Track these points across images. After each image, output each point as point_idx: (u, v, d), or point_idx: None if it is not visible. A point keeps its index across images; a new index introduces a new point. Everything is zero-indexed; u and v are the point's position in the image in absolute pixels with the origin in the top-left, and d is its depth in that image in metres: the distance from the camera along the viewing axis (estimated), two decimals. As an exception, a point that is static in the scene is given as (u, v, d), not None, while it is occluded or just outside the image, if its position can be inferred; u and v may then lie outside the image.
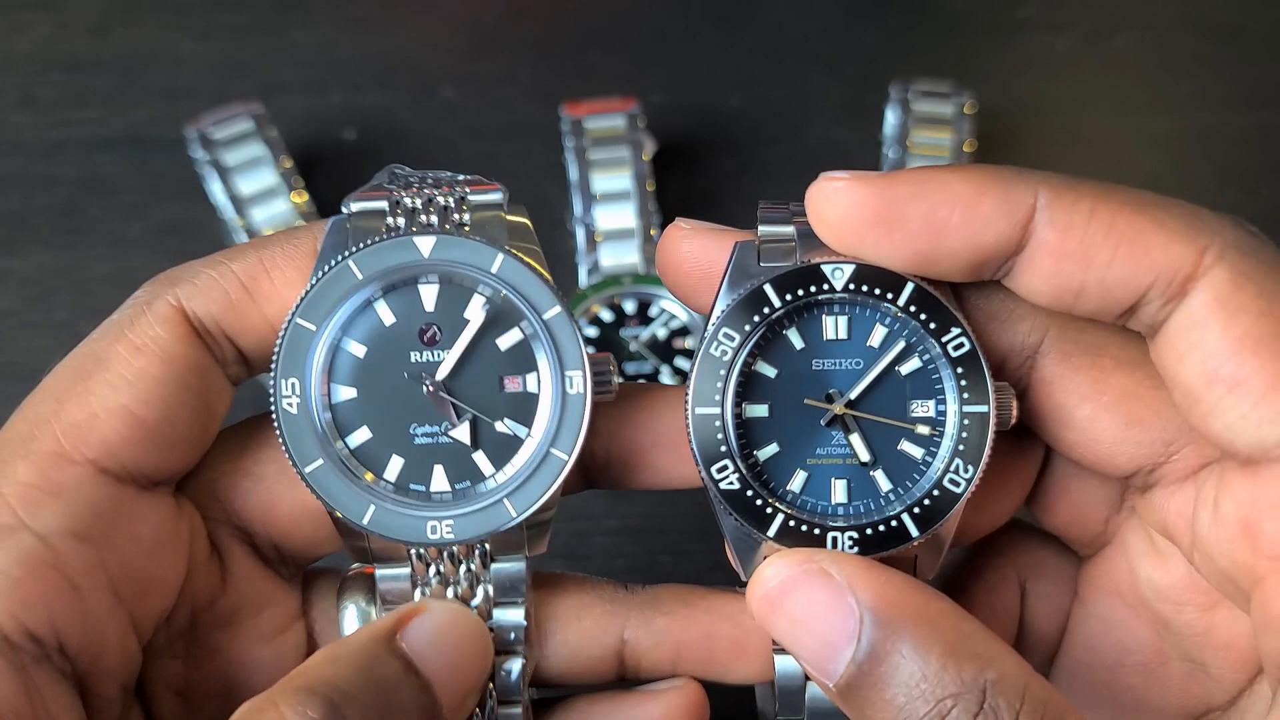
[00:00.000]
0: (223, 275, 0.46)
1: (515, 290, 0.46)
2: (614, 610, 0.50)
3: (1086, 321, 0.46)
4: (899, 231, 0.43)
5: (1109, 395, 0.45)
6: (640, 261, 0.83)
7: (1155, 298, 0.42)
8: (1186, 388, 0.42)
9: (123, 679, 0.45)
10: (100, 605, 0.44)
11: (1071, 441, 0.46)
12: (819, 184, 0.43)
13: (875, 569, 0.43)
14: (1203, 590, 0.46)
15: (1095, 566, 0.50)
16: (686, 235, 0.47)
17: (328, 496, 0.45)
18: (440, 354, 0.46)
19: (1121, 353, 0.46)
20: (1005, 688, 0.40)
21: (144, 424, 0.45)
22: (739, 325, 0.45)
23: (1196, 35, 0.98)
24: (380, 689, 0.42)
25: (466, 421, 0.46)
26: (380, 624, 0.44)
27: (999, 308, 0.46)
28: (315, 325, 0.45)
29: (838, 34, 0.98)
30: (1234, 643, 0.46)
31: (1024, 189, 0.42)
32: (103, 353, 0.45)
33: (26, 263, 0.85)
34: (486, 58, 0.97)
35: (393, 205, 0.46)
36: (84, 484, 0.44)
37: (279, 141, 0.85)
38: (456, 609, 0.46)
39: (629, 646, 0.50)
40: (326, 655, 0.43)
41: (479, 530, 0.46)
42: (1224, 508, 0.43)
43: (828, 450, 0.46)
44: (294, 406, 0.45)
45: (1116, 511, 0.49)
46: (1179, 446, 0.45)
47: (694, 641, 0.50)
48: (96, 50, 0.97)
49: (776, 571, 0.44)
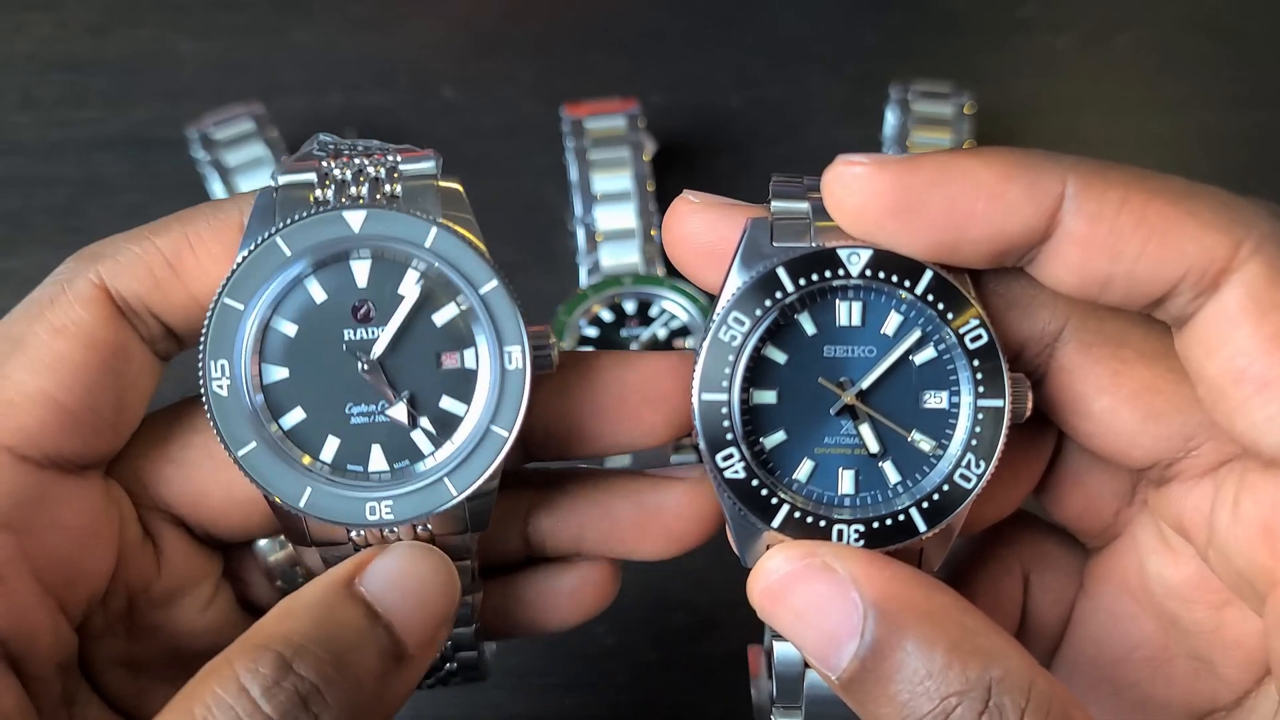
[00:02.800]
0: (146, 251, 0.45)
1: (450, 264, 0.44)
2: (516, 496, 0.50)
3: (1109, 311, 0.45)
4: (920, 220, 0.41)
5: (1129, 387, 0.44)
6: (640, 261, 0.83)
7: (1186, 290, 0.40)
8: (1212, 383, 0.41)
9: (58, 659, 0.45)
10: (25, 592, 0.43)
11: (1089, 432, 0.45)
12: (836, 168, 0.42)
13: (879, 562, 0.42)
14: (1213, 588, 0.46)
15: (1103, 559, 0.50)
16: (695, 209, 0.46)
17: (262, 480, 0.44)
18: (375, 331, 0.45)
19: (1144, 344, 0.44)
20: (1010, 684, 0.39)
21: (64, 409, 0.43)
22: (750, 309, 0.44)
23: (1196, 35, 0.98)
24: (336, 636, 0.41)
25: (403, 400, 0.45)
26: (336, 571, 0.43)
27: (1020, 294, 0.45)
28: (243, 304, 0.44)
29: (838, 34, 0.98)
30: (1243, 642, 0.46)
31: (1052, 176, 0.40)
32: (20, 334, 0.44)
33: (26, 263, 0.85)
34: (486, 58, 0.97)
35: (321, 176, 0.45)
36: (1, 472, 0.43)
37: (280, 142, 0.85)
38: (417, 547, 0.45)
39: (533, 528, 0.50)
40: (283, 608, 0.42)
41: (419, 510, 0.44)
42: (1244, 508, 0.42)
43: (836, 440, 0.45)
44: (224, 389, 0.44)
45: (1127, 504, 0.49)
46: (1199, 442, 0.44)
47: (594, 521, 0.50)
48: (97, 50, 0.97)
49: (779, 565, 0.43)
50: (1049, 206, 0.40)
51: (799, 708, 0.48)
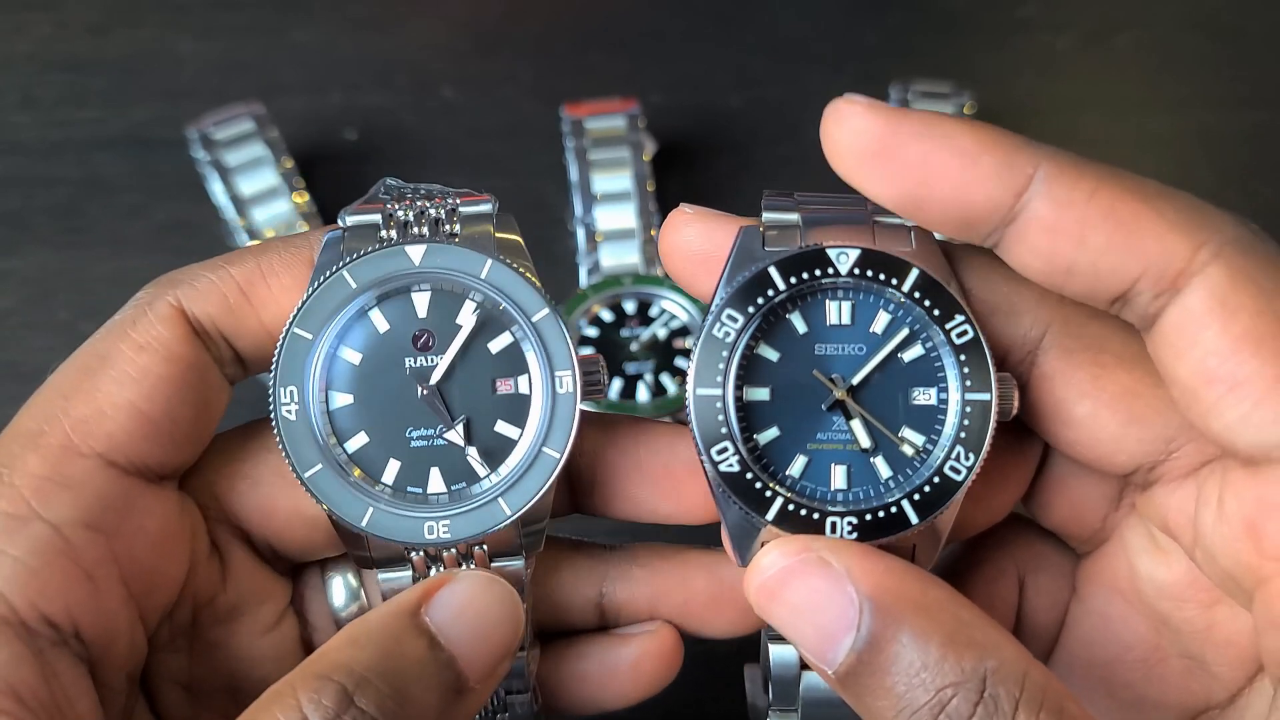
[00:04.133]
0: (221, 279, 0.47)
1: (504, 294, 0.47)
2: (592, 564, 0.52)
3: (1088, 317, 0.45)
4: (894, 167, 0.42)
5: (1110, 391, 0.45)
6: (640, 262, 0.83)
7: (1146, 289, 0.41)
8: (1185, 385, 0.41)
9: (129, 669, 0.46)
10: (112, 594, 0.45)
11: (1071, 439, 0.46)
12: (837, 102, 0.43)
13: (874, 556, 0.43)
14: (1203, 587, 0.46)
15: (1093, 562, 0.50)
16: (690, 220, 0.47)
17: (327, 500, 0.46)
18: (434, 359, 0.47)
19: (1124, 350, 0.45)
20: (1005, 676, 0.40)
21: (148, 419, 0.45)
22: (742, 307, 0.45)
23: (1196, 35, 0.98)
24: (398, 669, 0.42)
25: (461, 424, 0.47)
26: (404, 598, 0.44)
27: (1001, 300, 0.46)
28: (312, 335, 0.46)
29: (838, 34, 0.98)
30: (1234, 640, 0.46)
31: (1026, 158, 0.41)
32: (107, 351, 0.46)
33: (26, 263, 0.85)
34: (486, 58, 0.97)
35: (386, 218, 0.48)
36: (93, 476, 0.45)
37: (280, 142, 0.85)
38: (483, 577, 0.46)
39: (607, 599, 0.51)
40: (347, 636, 0.43)
41: (475, 529, 0.46)
42: (1228, 507, 0.42)
43: (828, 435, 0.46)
44: (293, 413, 0.46)
45: (1115, 509, 0.49)
46: (1180, 444, 0.45)
47: (669, 593, 0.51)
48: (97, 50, 0.97)
49: (774, 560, 0.44)
50: (1017, 185, 0.41)
51: (795, 709, 0.48)
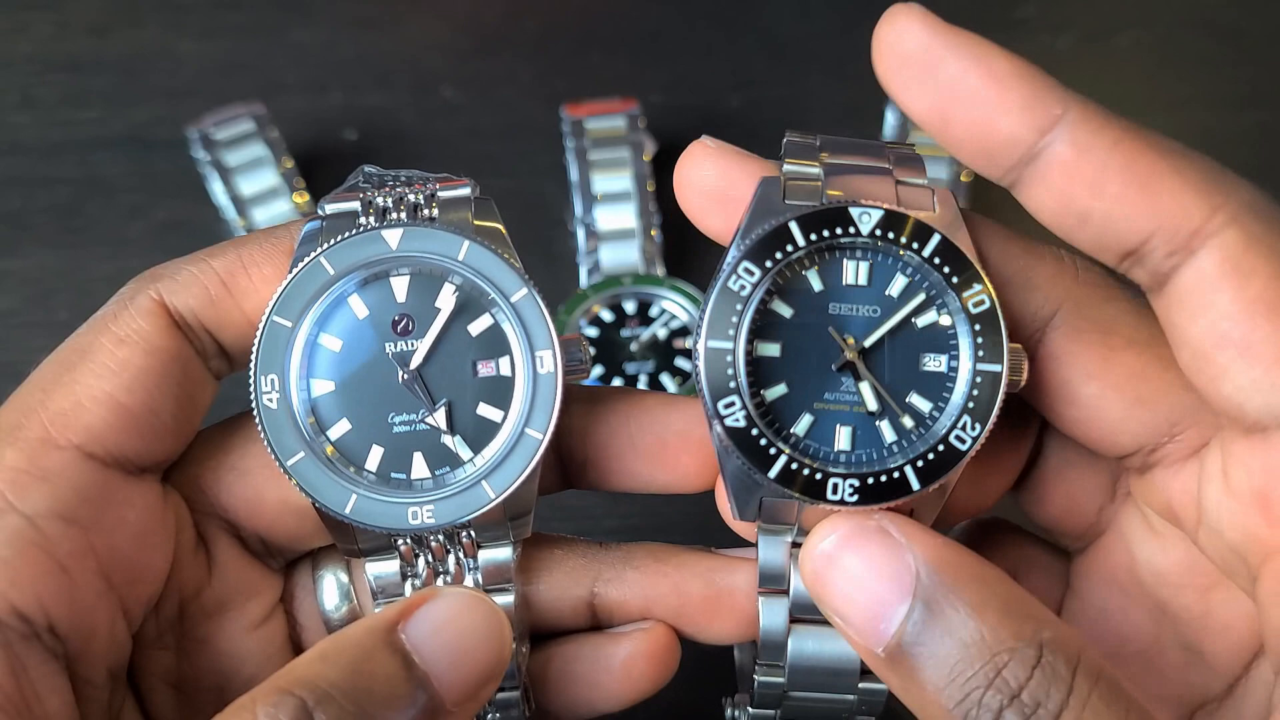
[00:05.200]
0: (203, 272, 0.47)
1: (483, 276, 0.47)
2: (586, 563, 0.51)
3: (1101, 299, 0.45)
4: (928, 77, 0.41)
5: (1117, 373, 0.45)
6: (640, 261, 0.83)
7: (1159, 246, 0.41)
8: (1195, 348, 0.41)
9: (111, 664, 0.46)
10: (89, 587, 0.44)
11: (1074, 419, 0.46)
12: (895, 6, 0.42)
13: (931, 532, 0.43)
14: (1201, 571, 0.46)
15: (1089, 557, 0.50)
16: (711, 154, 0.47)
17: (310, 488, 0.46)
18: (414, 343, 0.47)
19: (1134, 332, 0.45)
20: (1061, 645, 0.40)
21: (128, 411, 0.45)
22: (760, 261, 0.45)
23: (1196, 35, 0.98)
24: (366, 688, 0.41)
25: (442, 408, 0.47)
26: (382, 615, 0.43)
27: (1016, 274, 0.46)
28: (291, 322, 0.46)
29: (837, 34, 0.98)
30: (1232, 625, 0.46)
31: (1056, 98, 0.41)
32: (87, 345, 0.46)
33: (26, 263, 0.85)
34: (486, 58, 0.97)
35: (365, 205, 0.47)
36: (70, 468, 0.44)
37: (280, 142, 0.85)
38: (467, 595, 0.45)
39: (599, 599, 0.51)
40: (319, 650, 0.42)
41: (459, 513, 0.46)
42: (1234, 479, 0.42)
43: (836, 396, 0.46)
44: (274, 402, 0.46)
45: (1110, 500, 0.49)
46: (1183, 427, 0.45)
47: (663, 597, 0.50)
48: (97, 50, 0.97)
49: (833, 528, 0.44)
50: (1043, 122, 0.41)
51: (781, 666, 0.48)
